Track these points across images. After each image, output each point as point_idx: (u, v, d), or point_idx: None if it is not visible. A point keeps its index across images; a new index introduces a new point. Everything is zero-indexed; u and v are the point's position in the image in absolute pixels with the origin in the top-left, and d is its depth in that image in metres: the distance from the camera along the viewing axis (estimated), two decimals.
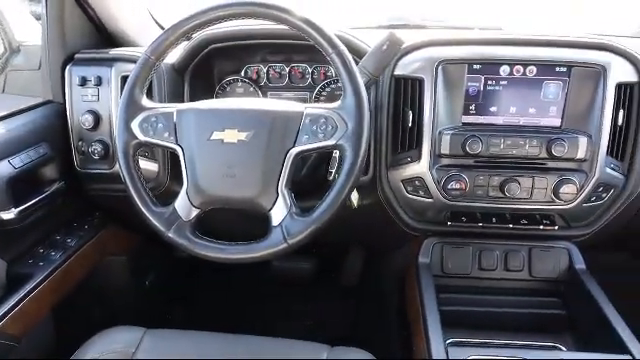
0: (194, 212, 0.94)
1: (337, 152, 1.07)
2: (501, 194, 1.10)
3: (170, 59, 1.19)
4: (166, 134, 0.95)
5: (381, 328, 1.58)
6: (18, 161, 1.10)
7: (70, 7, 1.25)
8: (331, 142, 0.89)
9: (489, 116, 1.12)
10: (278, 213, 0.91)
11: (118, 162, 0.96)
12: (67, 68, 1.24)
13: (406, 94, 1.11)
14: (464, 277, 1.18)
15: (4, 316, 1.05)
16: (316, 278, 1.86)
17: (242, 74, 1.33)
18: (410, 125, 1.12)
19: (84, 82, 1.22)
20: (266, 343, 1.03)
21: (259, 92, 1.33)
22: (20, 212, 1.09)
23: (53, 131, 1.23)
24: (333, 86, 1.30)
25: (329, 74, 1.30)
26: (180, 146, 0.94)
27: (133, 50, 1.25)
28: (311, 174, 1.09)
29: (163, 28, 1.01)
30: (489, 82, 1.10)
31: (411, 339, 1.06)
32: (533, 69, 1.09)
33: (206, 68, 1.30)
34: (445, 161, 1.11)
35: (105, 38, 1.37)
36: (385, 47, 1.00)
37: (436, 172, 1.11)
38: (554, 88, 1.10)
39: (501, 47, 1.10)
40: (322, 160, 1.10)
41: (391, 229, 1.25)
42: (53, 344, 1.30)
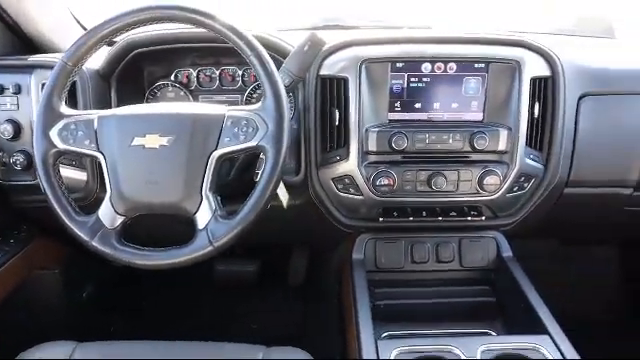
0: (119, 220, 0.93)
1: None
2: (429, 188, 1.13)
3: (94, 64, 1.16)
4: (87, 141, 0.93)
5: (325, 327, 1.60)
6: None
7: None
8: (253, 143, 0.90)
9: (414, 112, 1.15)
10: (203, 217, 0.91)
11: (37, 172, 0.94)
12: None
13: (332, 94, 1.13)
14: (398, 271, 1.21)
15: None
16: (262, 280, 1.85)
17: (172, 78, 1.31)
18: (337, 124, 1.13)
19: (2, 90, 1.18)
20: (201, 348, 1.02)
21: (190, 96, 1.32)
22: None
23: None
24: None
25: None
26: (102, 153, 0.93)
27: (53, 56, 1.21)
28: (239, 177, 1.08)
29: (86, 29, 0.99)
30: (412, 79, 1.13)
31: (345, 335, 1.08)
32: (453, 66, 1.12)
33: (134, 73, 1.27)
34: (373, 158, 1.13)
35: (25, 43, 1.32)
36: (306, 48, 1.01)
37: (365, 169, 1.13)
38: (474, 84, 1.13)
39: (422, 45, 1.13)
40: (250, 162, 1.10)
41: (326, 227, 1.26)
42: None
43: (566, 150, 1.18)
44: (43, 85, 1.15)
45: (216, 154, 0.91)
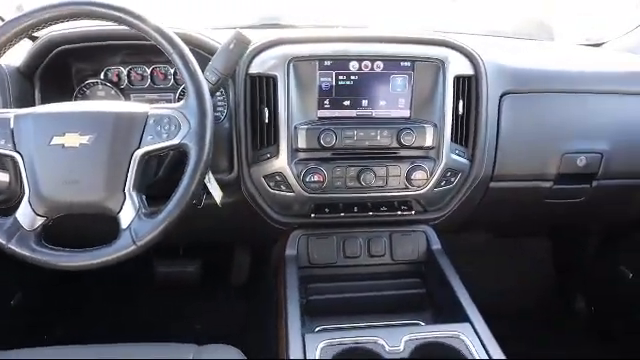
0: (39, 221, 0.91)
1: None
2: (359, 184, 1.16)
3: (14, 61, 1.12)
4: (2, 141, 0.91)
5: (265, 325, 1.60)
6: None
7: None
8: (175, 141, 0.90)
9: (343, 110, 1.17)
10: (126, 216, 0.90)
11: None
12: None
13: (261, 92, 1.14)
14: (330, 266, 1.23)
15: None
16: (204, 280, 1.84)
17: (102, 77, 1.28)
18: (267, 122, 1.14)
19: None
20: (130, 349, 1.01)
21: (121, 95, 1.29)
22: None
23: None
24: None
25: None
26: (19, 153, 0.91)
27: None
28: (168, 176, 1.08)
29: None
30: (340, 77, 1.15)
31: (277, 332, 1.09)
32: (380, 64, 1.15)
33: (60, 71, 1.24)
34: (303, 155, 1.15)
35: None
36: (232, 46, 1.02)
37: (295, 166, 1.14)
38: (401, 81, 1.17)
39: (349, 44, 1.15)
40: (179, 161, 1.09)
41: (260, 225, 1.27)
42: None
43: (490, 146, 1.23)
44: None
45: (139, 152, 0.91)
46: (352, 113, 1.17)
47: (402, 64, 1.16)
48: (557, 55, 1.54)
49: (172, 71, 1.29)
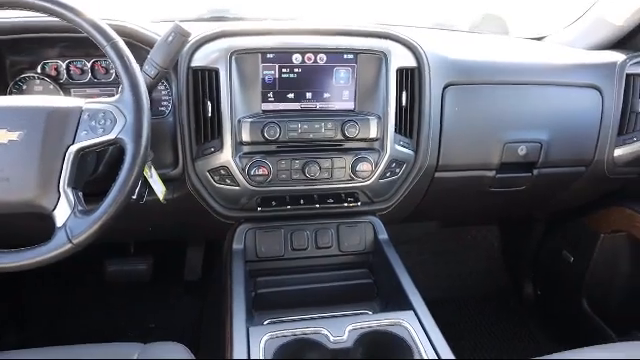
0: None
1: None
2: (304, 176, 1.16)
3: None
4: None
5: (218, 320, 1.59)
6: None
7: None
8: (111, 136, 0.88)
9: (287, 103, 1.17)
10: (61, 213, 0.87)
11: None
12: None
13: (204, 85, 1.12)
14: (278, 259, 1.23)
15: None
16: (157, 277, 1.81)
17: (39, 70, 1.24)
18: (210, 115, 1.13)
19: None
20: (75, 351, 0.99)
21: (60, 90, 1.25)
22: None
23: None
24: None
25: None
26: None
27: None
28: (108, 172, 1.05)
29: None
30: (283, 70, 1.14)
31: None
32: (323, 57, 1.15)
33: None
34: (247, 149, 1.14)
35: None
36: (171, 38, 1.00)
37: (239, 160, 1.13)
38: (344, 74, 1.17)
39: (291, 36, 1.14)
40: (119, 157, 1.07)
41: (208, 220, 1.26)
42: None
43: (434, 136, 1.25)
44: None
45: (73, 148, 0.88)
46: (296, 106, 1.17)
47: (345, 56, 1.16)
48: (499, 48, 1.58)
49: None
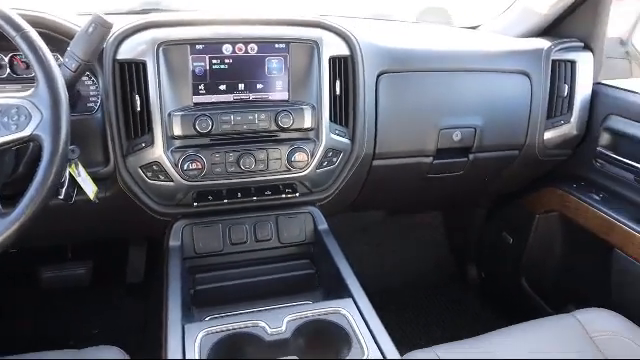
0: None
1: None
2: (239, 169, 1.14)
3: None
4: None
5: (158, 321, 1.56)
6: None
7: None
8: (26, 133, 0.84)
9: (219, 94, 1.14)
10: None
11: None
12: None
13: (131, 79, 1.09)
14: (217, 254, 1.21)
15: None
16: (98, 281, 1.75)
17: None
18: (139, 110, 1.09)
19: None
20: None
21: None
22: None
23: None
24: None
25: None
26: None
27: None
28: (28, 172, 1.00)
29: None
30: (214, 61, 1.12)
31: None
32: (254, 47, 1.14)
33: None
34: (179, 143, 1.11)
35: None
36: (91, 29, 0.96)
37: (172, 154, 1.11)
38: (277, 64, 1.16)
39: (221, 27, 1.12)
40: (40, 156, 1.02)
41: (144, 218, 1.22)
42: None
43: (369, 125, 1.26)
44: None
45: None
46: (229, 98, 1.15)
47: (277, 46, 1.15)
48: (433, 36, 1.61)
49: None
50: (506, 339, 1.15)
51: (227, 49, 1.12)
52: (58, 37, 1.07)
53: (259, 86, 1.16)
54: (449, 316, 1.98)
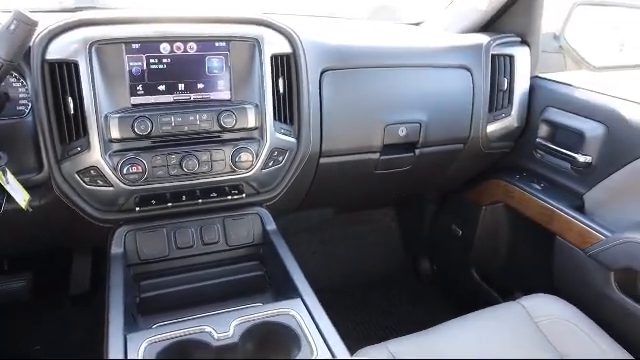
0: None
1: None
2: (182, 171, 1.11)
3: None
4: None
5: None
6: None
7: None
8: None
9: (159, 95, 1.11)
10: None
11: None
12: None
13: (63, 80, 1.04)
14: (163, 260, 1.17)
15: None
16: (39, 294, 1.67)
17: None
18: (73, 113, 1.04)
19: None
20: None
21: None
22: None
23: None
24: None
25: None
26: None
27: None
28: None
29: None
30: (152, 61, 1.08)
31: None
32: (193, 45, 1.11)
33: None
34: (118, 146, 1.07)
35: None
36: (13, 27, 0.90)
37: (110, 158, 1.06)
38: (217, 63, 1.13)
39: (157, 25, 1.08)
40: None
41: (84, 225, 1.17)
42: None
43: (315, 122, 1.25)
44: None
45: None
46: (169, 98, 1.12)
47: (217, 44, 1.12)
48: (377, 33, 1.62)
49: None
50: (455, 330, 1.18)
51: (165, 48, 1.09)
52: None
53: (200, 86, 1.13)
54: (404, 310, 2.01)
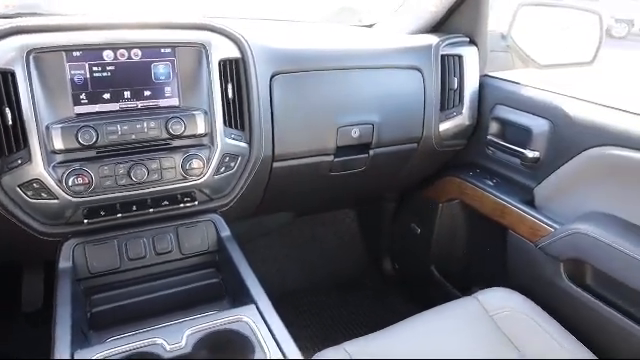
0: None
1: None
2: (131, 181, 1.09)
3: None
4: None
5: None
6: None
7: None
8: None
9: (104, 104, 1.08)
10: None
11: None
12: None
13: None
14: (114, 272, 1.14)
15: None
16: None
17: None
18: (12, 124, 1.01)
19: None
20: None
21: None
22: None
23: None
24: None
25: None
26: None
27: None
28: None
29: None
30: (95, 69, 1.06)
31: None
32: (138, 52, 1.09)
33: None
34: (61, 157, 1.04)
35: None
36: None
37: (54, 170, 1.03)
38: (164, 69, 1.11)
39: (99, 32, 1.06)
40: None
41: (30, 240, 1.12)
42: None
43: (266, 127, 1.25)
44: None
45: None
46: (115, 107, 1.09)
47: (162, 51, 1.11)
48: (328, 36, 1.63)
49: None
50: (413, 327, 1.19)
51: (108, 55, 1.06)
52: None
53: (147, 93, 1.11)
54: (367, 310, 2.02)
